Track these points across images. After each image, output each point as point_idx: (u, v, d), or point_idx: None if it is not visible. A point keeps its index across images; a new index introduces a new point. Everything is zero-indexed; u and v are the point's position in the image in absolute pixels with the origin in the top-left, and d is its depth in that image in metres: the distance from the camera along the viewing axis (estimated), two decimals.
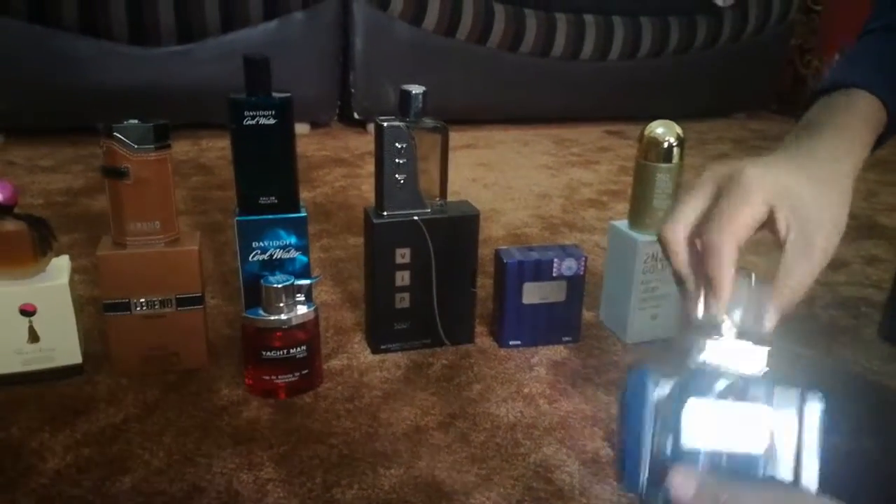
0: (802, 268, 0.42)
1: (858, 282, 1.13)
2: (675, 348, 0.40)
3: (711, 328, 0.38)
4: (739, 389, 0.35)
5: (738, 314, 0.39)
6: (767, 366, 0.37)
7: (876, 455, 0.72)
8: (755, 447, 0.35)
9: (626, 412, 0.35)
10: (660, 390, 0.35)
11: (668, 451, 0.35)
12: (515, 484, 0.65)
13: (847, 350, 0.92)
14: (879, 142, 0.51)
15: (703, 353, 0.37)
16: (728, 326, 0.39)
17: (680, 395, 0.35)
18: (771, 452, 0.35)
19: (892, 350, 0.92)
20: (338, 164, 1.67)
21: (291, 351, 0.76)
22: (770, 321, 0.41)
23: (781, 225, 0.44)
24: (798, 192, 0.44)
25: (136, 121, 0.74)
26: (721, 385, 0.35)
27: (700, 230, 0.45)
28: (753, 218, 0.43)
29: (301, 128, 1.95)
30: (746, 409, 0.35)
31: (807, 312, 1.02)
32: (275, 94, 0.76)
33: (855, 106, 0.49)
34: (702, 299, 0.43)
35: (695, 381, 0.35)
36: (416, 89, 0.79)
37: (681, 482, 0.34)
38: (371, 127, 1.75)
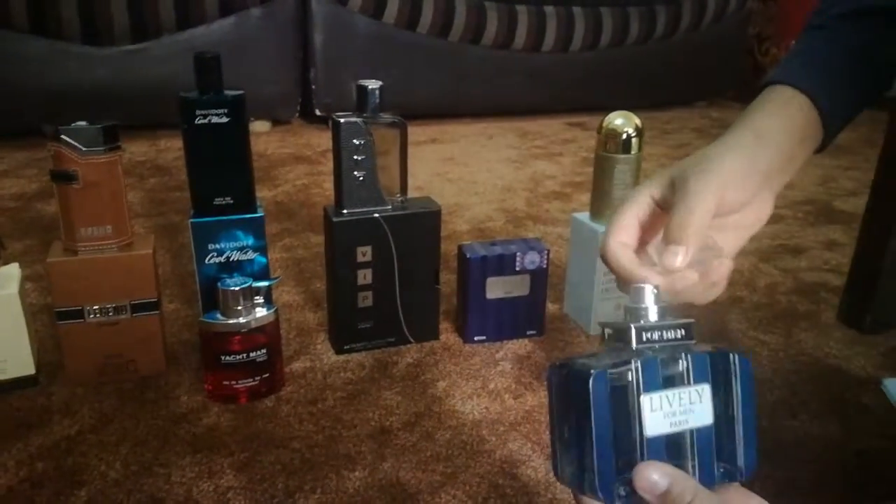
0: (681, 201, 0.43)
1: (817, 267, 1.15)
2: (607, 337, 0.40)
3: (633, 314, 0.39)
4: (684, 368, 0.37)
5: (649, 289, 0.40)
6: (692, 337, 0.38)
7: (838, 438, 0.73)
8: (706, 420, 0.37)
9: (594, 416, 0.35)
10: (616, 384, 0.36)
11: (639, 445, 0.35)
12: (481, 481, 0.65)
13: (807, 335, 0.93)
14: (828, 131, 0.51)
15: (635, 337, 0.37)
16: (648, 301, 0.39)
17: (634, 389, 0.35)
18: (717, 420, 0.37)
19: (851, 334, 0.93)
20: (300, 162, 1.65)
21: (251, 355, 0.74)
22: (670, 259, 0.42)
23: (664, 196, 0.46)
24: (677, 167, 0.46)
25: (84, 123, 0.72)
26: (670, 369, 0.36)
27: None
28: (630, 217, 0.46)
29: (262, 125, 1.92)
30: (691, 390, 0.36)
31: (767, 298, 1.03)
32: (227, 92, 0.74)
33: (766, 96, 0.50)
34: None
35: (644, 372, 0.35)
36: (373, 84, 0.78)
37: (653, 476, 0.34)
38: None
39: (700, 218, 0.43)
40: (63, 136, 0.70)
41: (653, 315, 0.39)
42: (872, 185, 0.91)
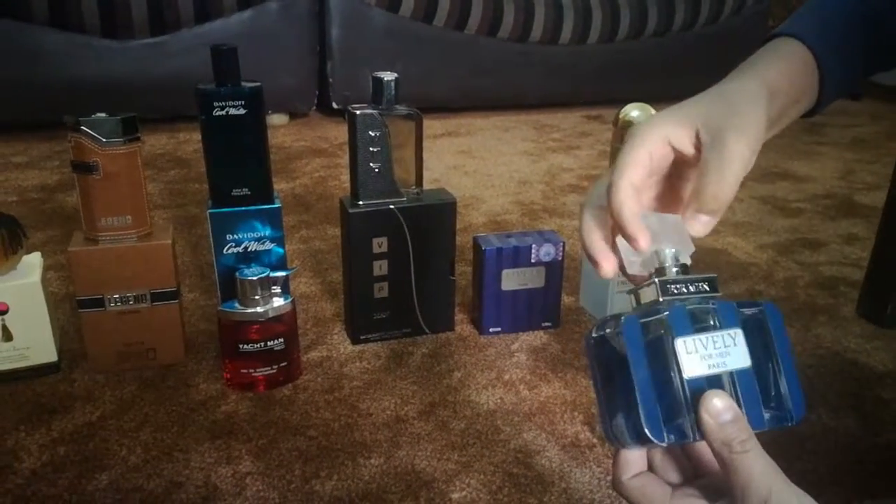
0: (718, 167, 0.40)
1: (837, 261, 1.14)
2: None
3: (651, 268, 0.40)
4: (713, 315, 0.37)
5: (667, 251, 0.39)
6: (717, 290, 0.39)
7: (855, 431, 0.72)
8: (744, 362, 0.37)
9: (631, 359, 0.36)
10: (651, 332, 0.37)
11: (675, 386, 0.36)
12: (496, 470, 0.65)
13: (826, 328, 0.92)
14: (824, 91, 0.50)
15: (659, 293, 0.38)
16: (667, 262, 0.39)
17: (667, 333, 0.36)
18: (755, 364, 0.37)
19: (870, 328, 0.93)
20: (317, 155, 1.66)
21: (269, 343, 0.75)
22: (699, 228, 0.41)
23: (686, 143, 0.43)
24: (694, 112, 0.43)
25: (104, 114, 0.73)
26: (699, 314, 0.37)
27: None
28: (643, 155, 0.43)
29: (279, 118, 1.93)
30: (724, 333, 0.37)
31: (785, 292, 1.02)
32: (244, 84, 0.75)
33: (772, 47, 0.49)
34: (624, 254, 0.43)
35: (674, 319, 0.36)
36: (388, 76, 0.78)
37: (720, 406, 0.35)
38: None
39: (735, 186, 0.41)
40: (83, 128, 0.71)
41: (673, 273, 0.39)
42: (893, 179, 0.90)
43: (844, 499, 0.63)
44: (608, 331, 0.38)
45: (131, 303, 0.77)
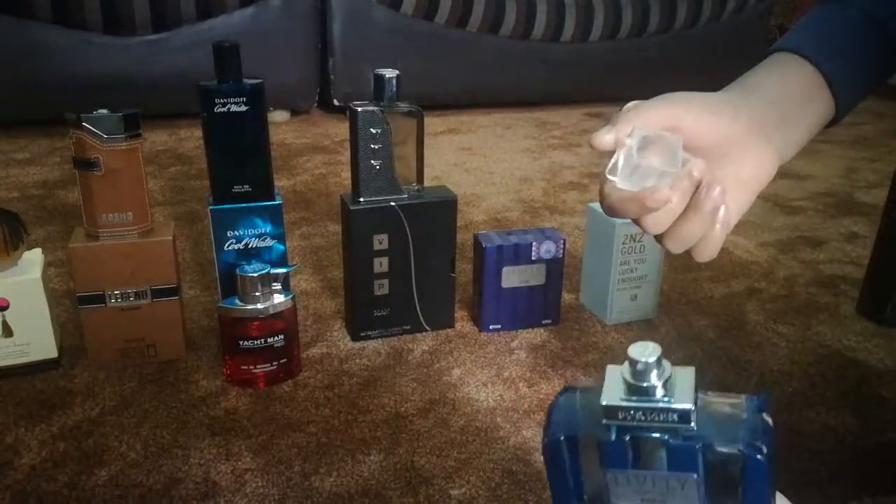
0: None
1: (837, 259, 1.14)
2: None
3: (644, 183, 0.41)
4: (654, 452, 0.31)
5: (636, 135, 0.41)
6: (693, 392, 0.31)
7: (855, 429, 0.72)
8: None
9: (549, 474, 0.33)
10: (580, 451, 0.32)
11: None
12: (495, 467, 0.65)
13: (826, 327, 0.92)
14: (839, 105, 0.50)
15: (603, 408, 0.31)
16: (656, 384, 0.31)
17: (600, 462, 0.32)
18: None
19: (870, 326, 0.93)
20: (318, 152, 1.66)
21: (269, 340, 0.75)
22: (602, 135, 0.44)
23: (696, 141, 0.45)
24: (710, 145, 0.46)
25: (105, 111, 0.73)
26: (636, 448, 0.31)
27: None
28: (652, 111, 0.45)
29: (281, 115, 1.93)
30: (669, 477, 0.31)
31: (786, 290, 1.02)
32: (246, 81, 0.75)
33: (773, 61, 0.50)
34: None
35: (609, 450, 0.31)
36: (390, 73, 0.78)
37: None
38: None
39: (643, 109, 0.44)
40: (85, 124, 0.71)
41: (658, 389, 0.31)
42: (894, 177, 0.90)
43: (844, 497, 0.63)
44: (549, 428, 0.33)
45: (132, 299, 0.77)
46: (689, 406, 0.30)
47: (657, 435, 0.31)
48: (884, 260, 0.93)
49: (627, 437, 0.31)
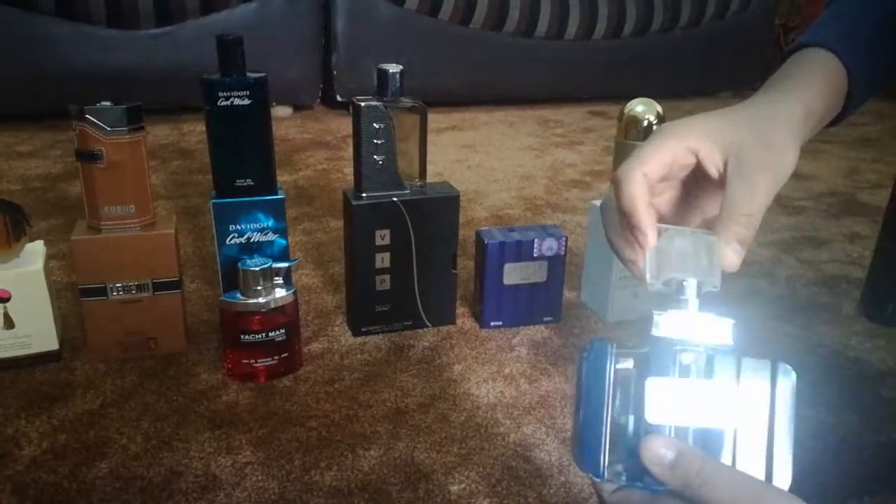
0: (745, 191, 0.40)
1: (839, 259, 1.14)
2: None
3: (673, 298, 0.36)
4: (705, 363, 0.34)
5: (692, 281, 0.36)
6: (732, 339, 0.35)
7: (856, 429, 0.72)
8: (722, 423, 0.34)
9: (584, 386, 0.34)
10: (621, 364, 0.34)
11: (631, 427, 0.34)
12: (495, 463, 0.65)
13: (827, 327, 0.92)
14: (850, 103, 0.50)
15: (663, 325, 0.34)
16: (689, 293, 0.36)
17: (642, 370, 0.34)
18: (739, 428, 0.34)
19: (871, 326, 0.92)
20: (320, 147, 1.66)
21: (270, 334, 0.75)
22: (732, 258, 0.39)
23: (712, 163, 0.42)
24: (727, 133, 0.42)
25: (108, 103, 0.72)
26: (686, 359, 0.34)
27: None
28: (666, 155, 0.42)
29: (283, 111, 1.93)
30: (711, 385, 0.34)
31: (787, 290, 1.02)
32: (249, 74, 0.75)
33: (806, 60, 0.49)
34: (646, 257, 0.41)
35: (656, 357, 0.34)
36: (393, 68, 0.78)
37: (660, 448, 0.33)
38: None
39: (760, 217, 0.40)
40: (88, 116, 0.71)
41: (693, 306, 0.35)
42: None
43: (844, 496, 0.63)
44: (586, 346, 0.36)
45: (133, 292, 0.77)
46: (731, 321, 0.35)
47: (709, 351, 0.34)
48: (885, 260, 0.93)
49: (676, 347, 0.34)
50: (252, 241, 0.79)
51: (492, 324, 0.88)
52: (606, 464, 0.34)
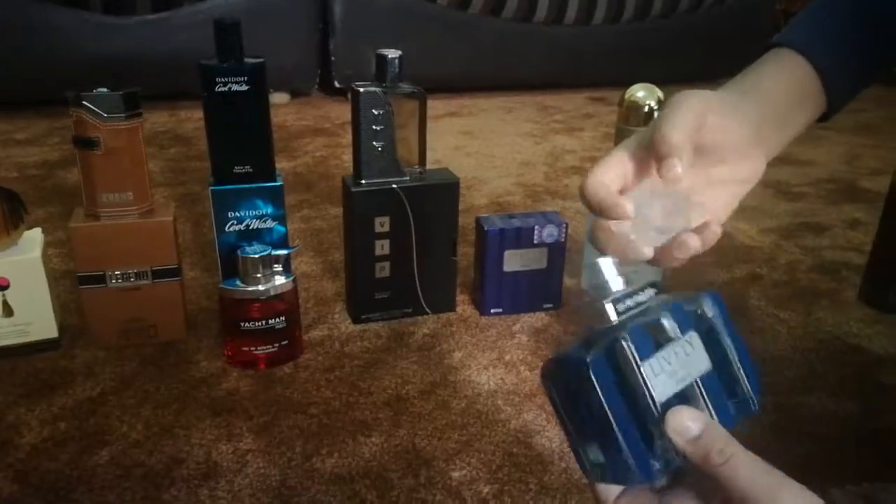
0: (662, 121, 0.41)
1: (840, 245, 1.14)
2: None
3: (601, 291, 0.38)
4: (661, 325, 0.36)
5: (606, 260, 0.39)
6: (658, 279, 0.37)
7: (855, 416, 0.72)
8: (705, 365, 0.36)
9: (606, 401, 0.34)
10: (621, 363, 0.35)
11: (655, 412, 0.34)
12: (496, 450, 0.65)
13: (827, 313, 0.92)
14: (833, 101, 0.50)
15: (612, 315, 0.36)
16: (611, 279, 0.38)
17: (633, 361, 0.34)
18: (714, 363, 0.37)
19: (871, 313, 0.92)
20: (319, 134, 1.65)
21: (270, 322, 0.75)
22: (672, 169, 0.40)
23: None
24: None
25: (105, 89, 0.72)
26: (657, 331, 0.36)
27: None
28: (692, 120, 0.43)
29: (281, 97, 1.92)
30: (682, 342, 0.36)
31: (787, 276, 1.02)
32: (247, 60, 0.74)
33: (767, 62, 0.50)
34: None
35: (634, 341, 0.34)
36: (392, 53, 0.78)
37: (686, 421, 0.34)
38: None
39: (682, 128, 0.41)
40: (85, 102, 0.71)
41: (616, 285, 0.37)
42: None
43: (843, 482, 0.63)
44: (569, 364, 0.36)
45: (132, 280, 0.77)
46: (656, 279, 0.37)
47: (661, 310, 0.36)
48: (885, 247, 0.93)
49: (641, 323, 0.35)
50: (251, 228, 0.78)
51: (492, 311, 0.88)
52: (659, 467, 0.35)
